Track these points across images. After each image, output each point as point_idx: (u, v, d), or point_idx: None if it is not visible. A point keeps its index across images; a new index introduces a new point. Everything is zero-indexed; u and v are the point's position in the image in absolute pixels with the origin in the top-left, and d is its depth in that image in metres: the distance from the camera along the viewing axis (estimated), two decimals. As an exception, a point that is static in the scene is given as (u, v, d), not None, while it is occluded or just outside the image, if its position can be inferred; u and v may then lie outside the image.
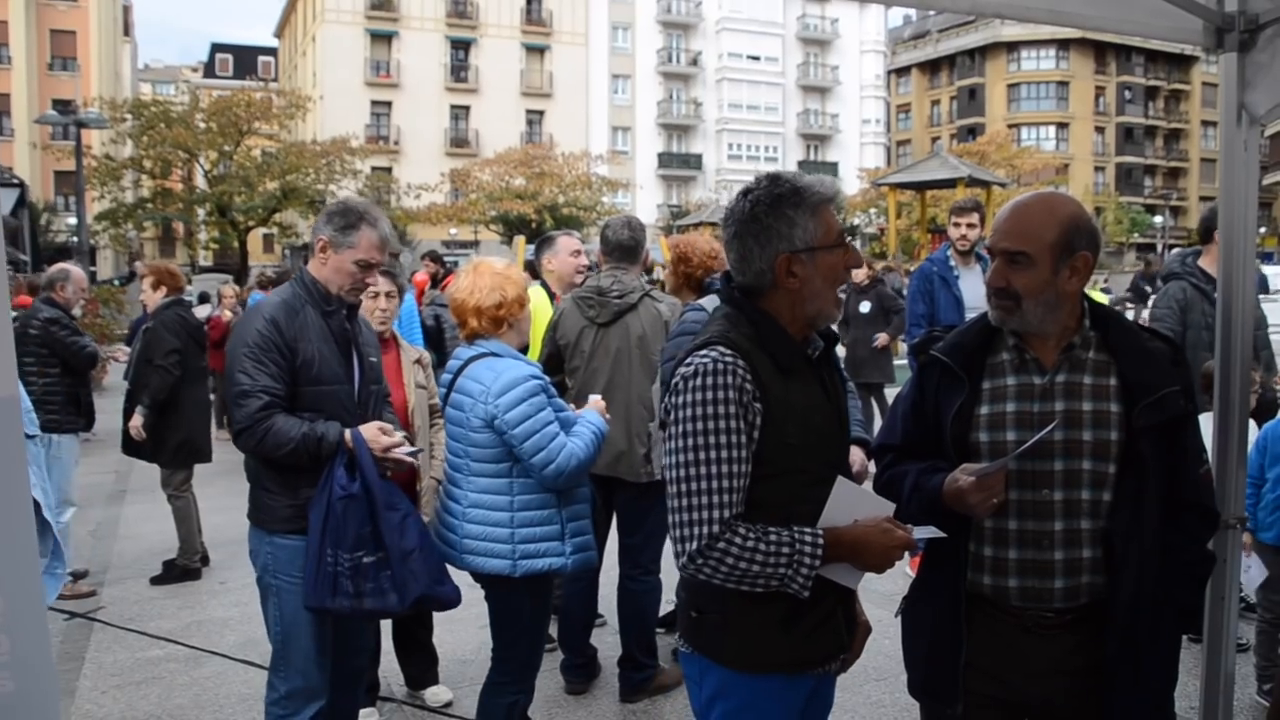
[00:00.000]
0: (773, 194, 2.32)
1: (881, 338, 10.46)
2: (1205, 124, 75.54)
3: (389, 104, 54.57)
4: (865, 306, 10.63)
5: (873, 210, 45.07)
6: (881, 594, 2.62)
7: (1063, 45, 72.44)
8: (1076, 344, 2.41)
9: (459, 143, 54.89)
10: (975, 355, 2.46)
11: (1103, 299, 6.58)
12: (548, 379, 3.73)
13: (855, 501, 2.30)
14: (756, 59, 62.49)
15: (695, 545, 2.20)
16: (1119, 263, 57.16)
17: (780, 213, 2.30)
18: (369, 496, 3.38)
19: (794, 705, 2.40)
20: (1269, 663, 4.67)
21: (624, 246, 4.77)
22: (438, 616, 4.90)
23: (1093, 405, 2.38)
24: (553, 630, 5.33)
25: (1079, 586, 2.37)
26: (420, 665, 4.89)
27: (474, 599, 3.88)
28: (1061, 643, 2.40)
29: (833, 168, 62.58)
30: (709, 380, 2.21)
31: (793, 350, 2.33)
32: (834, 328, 2.52)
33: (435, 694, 4.85)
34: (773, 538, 2.20)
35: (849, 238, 2.42)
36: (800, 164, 62.82)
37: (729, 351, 2.24)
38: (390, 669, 4.97)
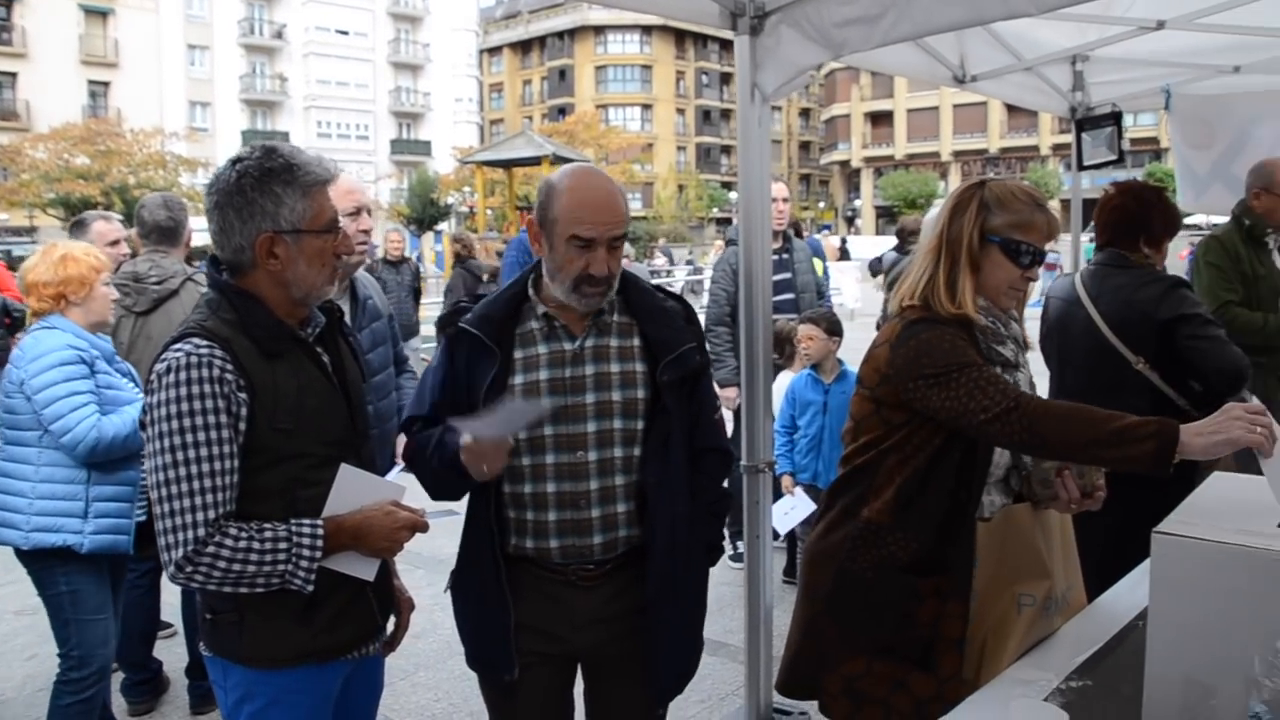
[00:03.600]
0: (264, 167, 2.19)
1: None
2: (772, 108, 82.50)
3: (-92, 67, 47.35)
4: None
5: (466, 189, 45.24)
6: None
7: (646, 31, 76.42)
8: (604, 309, 2.49)
9: (5, 115, 48.30)
10: (505, 326, 2.47)
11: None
12: (99, 354, 3.59)
13: (361, 487, 2.27)
14: (345, 33, 60.60)
15: (181, 552, 2.07)
16: (700, 236, 61.36)
17: (268, 189, 2.18)
18: None
19: (326, 694, 2.36)
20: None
21: (162, 228, 4.40)
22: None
23: (620, 367, 2.48)
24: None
25: (616, 540, 2.49)
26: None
27: (20, 628, 3.47)
28: (602, 592, 2.52)
29: (426, 146, 62.23)
30: (183, 375, 2.08)
31: (278, 333, 2.23)
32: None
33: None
34: (268, 534, 2.13)
35: (337, 223, 2.32)
36: (393, 142, 61.94)
37: (204, 342, 2.12)
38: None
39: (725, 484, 2.76)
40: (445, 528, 2.79)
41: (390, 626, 2.58)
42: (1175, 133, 6.44)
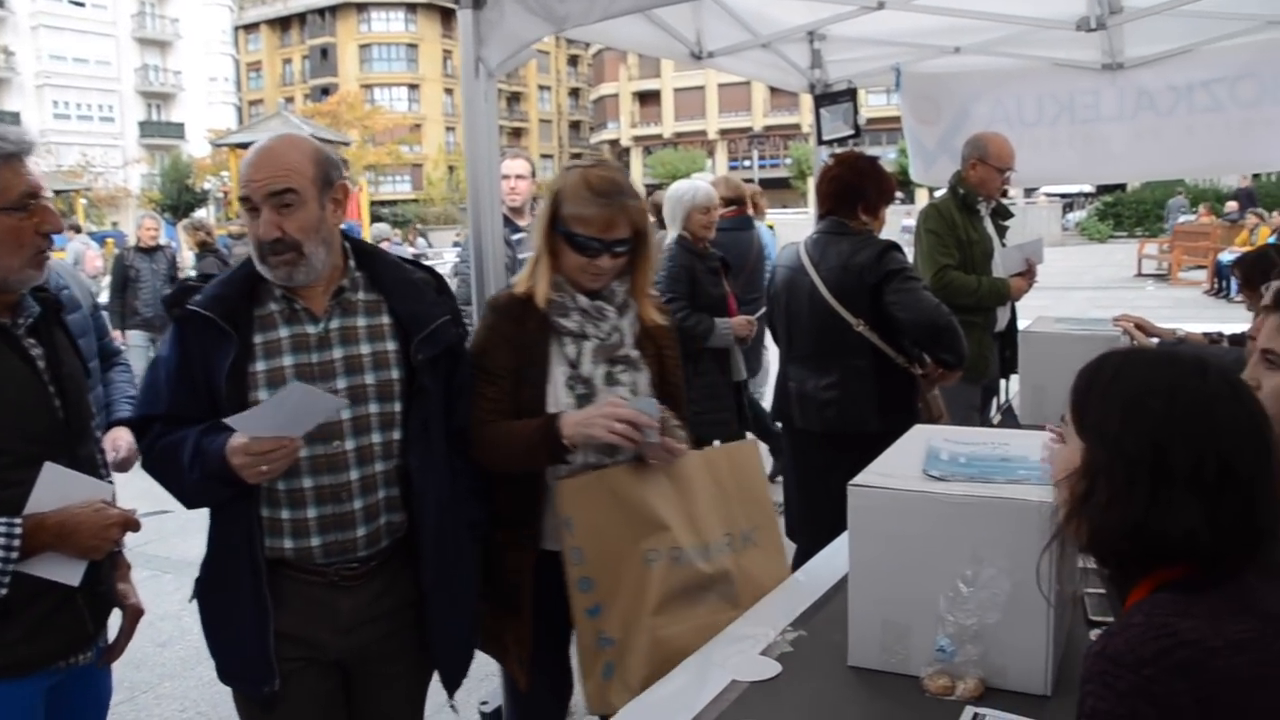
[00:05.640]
0: None
1: None
2: (541, 88, 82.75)
3: None
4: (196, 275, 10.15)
5: (224, 173, 43.14)
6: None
7: (411, 9, 74.68)
8: (346, 287, 2.36)
9: None
10: (241, 307, 2.29)
11: None
12: None
13: (67, 487, 2.12)
14: (81, 4, 56.26)
15: None
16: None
17: None
18: None
19: (25, 710, 2.17)
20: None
21: None
22: None
23: (371, 348, 2.36)
24: None
25: (379, 530, 2.37)
26: None
27: None
28: (369, 590, 2.40)
29: (179, 128, 58.92)
30: None
31: None
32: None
33: None
34: None
35: (36, 198, 2.15)
36: (142, 124, 58.28)
37: None
38: None
39: None
40: (192, 529, 2.60)
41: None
42: (905, 109, 6.81)
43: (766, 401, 5.94)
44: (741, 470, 2.73)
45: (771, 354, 5.39)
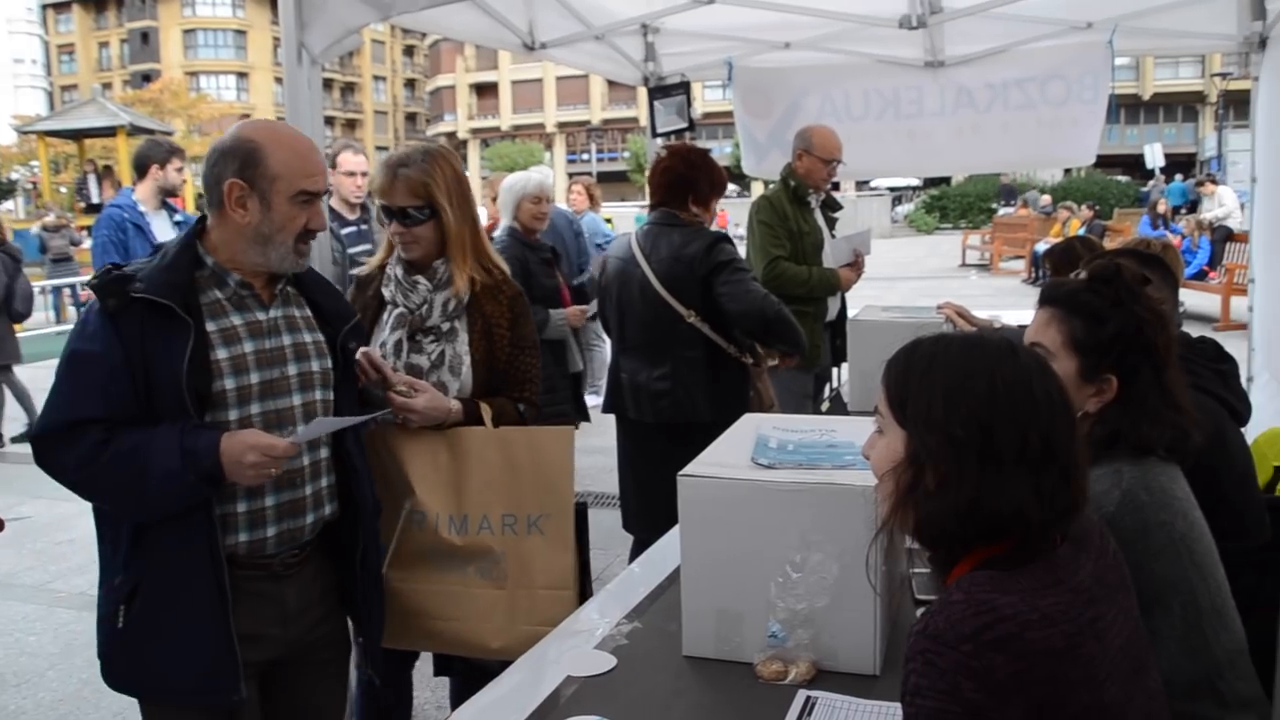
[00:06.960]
0: None
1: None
2: (376, 78, 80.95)
3: None
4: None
5: (34, 163, 40.67)
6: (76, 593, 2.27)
7: (238, -7, 72.01)
8: (284, 276, 2.37)
9: None
10: (190, 295, 2.20)
11: None
12: None
13: None
14: None
15: None
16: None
17: None
18: None
19: None
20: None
21: None
22: None
23: (311, 336, 2.40)
24: None
25: (322, 516, 2.39)
26: None
27: None
28: (305, 575, 2.39)
29: (-18, 113, 55.32)
30: None
31: None
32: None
33: None
34: None
35: None
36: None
37: None
38: None
39: None
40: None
41: None
42: (737, 103, 6.89)
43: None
44: (544, 456, 2.71)
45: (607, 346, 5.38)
